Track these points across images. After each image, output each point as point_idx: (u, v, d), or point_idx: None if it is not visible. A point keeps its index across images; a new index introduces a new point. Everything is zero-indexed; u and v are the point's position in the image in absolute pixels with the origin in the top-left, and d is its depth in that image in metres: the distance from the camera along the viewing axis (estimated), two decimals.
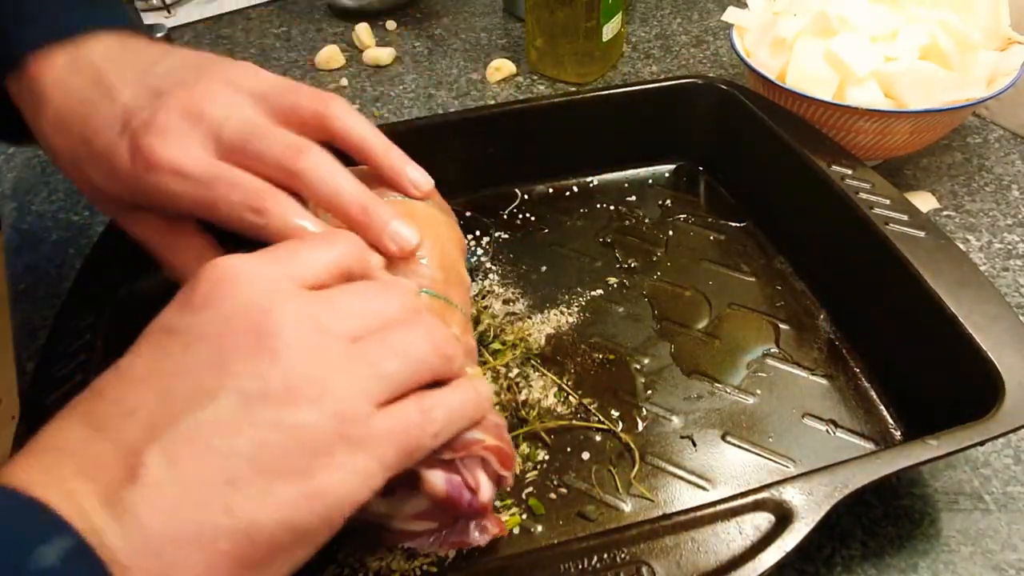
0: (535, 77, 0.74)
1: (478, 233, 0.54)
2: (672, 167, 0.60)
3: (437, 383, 0.30)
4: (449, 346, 0.30)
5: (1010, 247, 0.54)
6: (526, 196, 0.57)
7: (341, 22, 0.86)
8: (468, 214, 0.55)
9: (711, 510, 0.31)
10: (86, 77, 0.35)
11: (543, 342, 0.46)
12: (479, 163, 0.55)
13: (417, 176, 0.37)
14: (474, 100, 0.72)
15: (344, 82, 0.75)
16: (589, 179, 0.59)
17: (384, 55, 0.78)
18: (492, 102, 0.71)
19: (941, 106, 0.51)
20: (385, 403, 0.27)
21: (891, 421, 0.41)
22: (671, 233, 0.54)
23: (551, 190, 0.58)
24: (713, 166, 0.59)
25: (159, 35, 0.69)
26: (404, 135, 0.39)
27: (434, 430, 0.28)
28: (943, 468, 0.41)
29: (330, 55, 0.78)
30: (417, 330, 0.29)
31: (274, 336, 0.25)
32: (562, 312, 0.49)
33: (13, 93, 0.37)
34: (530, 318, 0.48)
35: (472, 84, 0.74)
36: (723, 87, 0.55)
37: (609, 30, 0.70)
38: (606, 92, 0.56)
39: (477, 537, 0.33)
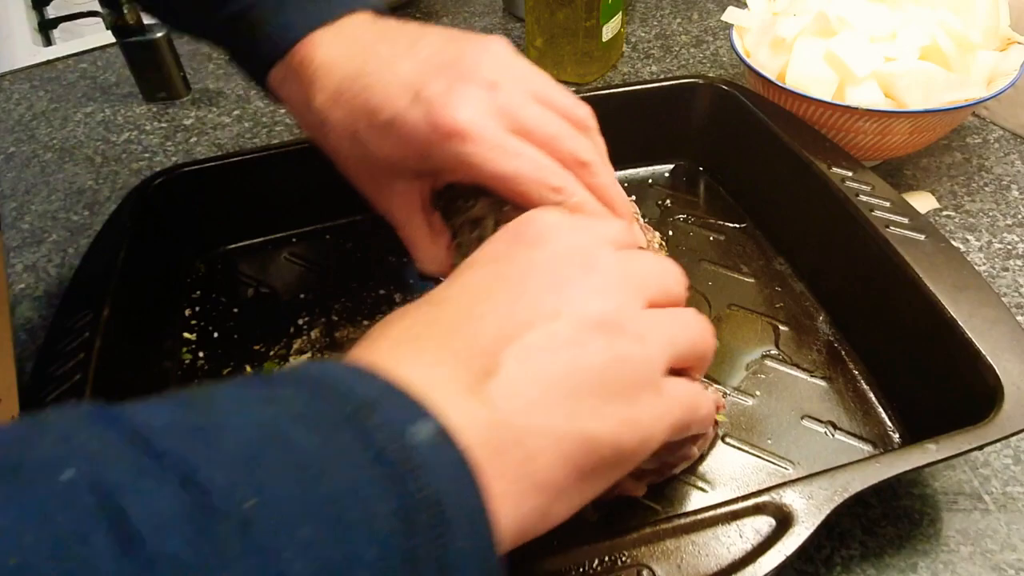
0: None
1: None
2: (672, 167, 0.60)
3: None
4: (712, 339, 0.32)
5: (1010, 247, 0.54)
6: None
7: None
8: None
9: (711, 513, 0.31)
10: (357, 52, 0.37)
11: None
12: None
13: (640, 235, 0.39)
14: None
15: None
16: None
17: None
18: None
19: (941, 106, 0.51)
20: (669, 368, 0.29)
21: (889, 424, 0.42)
22: (671, 233, 0.54)
23: None
24: (713, 167, 0.59)
25: (159, 35, 0.69)
26: None
27: (700, 416, 0.30)
28: (943, 468, 0.41)
29: None
30: (696, 316, 0.31)
31: (601, 273, 0.28)
32: None
33: (276, 81, 0.39)
34: None
35: None
36: (723, 87, 0.55)
37: (609, 30, 0.70)
38: (606, 92, 0.56)
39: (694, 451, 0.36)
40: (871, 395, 0.43)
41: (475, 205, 0.38)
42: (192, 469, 0.19)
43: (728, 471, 0.40)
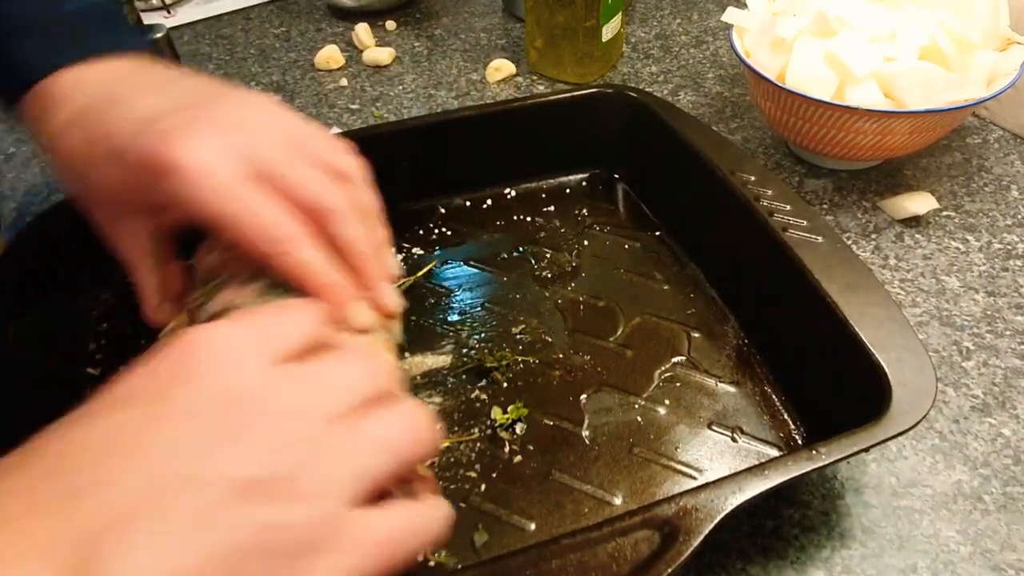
0: (535, 77, 0.74)
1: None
2: (589, 177, 0.60)
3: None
4: (425, 431, 0.28)
5: (1009, 247, 0.54)
6: (443, 210, 0.57)
7: (341, 22, 0.86)
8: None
9: (597, 532, 0.31)
10: (103, 83, 0.35)
11: (455, 355, 0.46)
12: (394, 178, 0.55)
13: (393, 264, 0.37)
14: (474, 100, 0.72)
15: (344, 82, 0.75)
16: (507, 190, 0.58)
17: (384, 55, 0.78)
18: (490, 102, 0.71)
19: (940, 106, 0.51)
20: (363, 499, 0.25)
21: (794, 425, 0.42)
22: (586, 243, 0.54)
23: (468, 203, 0.57)
24: (628, 175, 0.59)
25: (158, 35, 0.69)
26: None
27: (417, 542, 0.26)
28: (942, 469, 0.41)
29: (330, 55, 0.78)
30: (398, 418, 0.27)
31: (256, 422, 0.24)
32: (473, 328, 0.48)
33: (25, 111, 0.37)
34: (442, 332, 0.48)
35: (472, 84, 0.74)
36: (633, 95, 0.56)
37: (609, 30, 0.70)
38: (518, 104, 0.56)
39: None
40: (777, 398, 0.43)
41: (213, 253, 0.36)
42: None
43: (635, 482, 0.39)
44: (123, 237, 0.36)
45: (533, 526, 0.38)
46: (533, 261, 0.53)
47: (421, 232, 0.55)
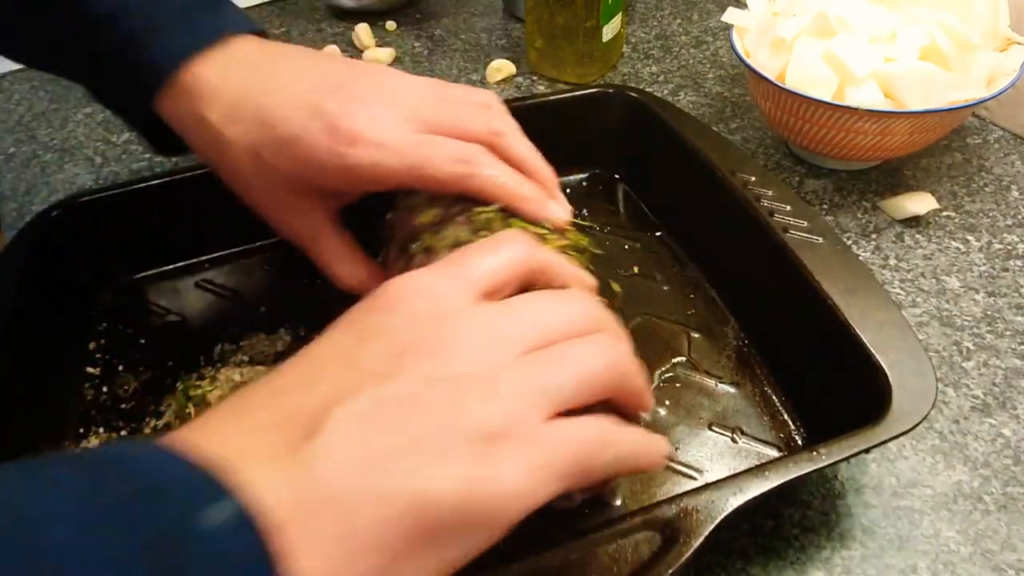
0: (535, 78, 0.74)
1: None
2: (589, 177, 0.60)
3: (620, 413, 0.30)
4: (625, 362, 0.29)
5: (1010, 247, 0.54)
6: None
7: (341, 22, 0.86)
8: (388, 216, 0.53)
9: (598, 533, 0.31)
10: (249, 70, 0.37)
11: None
12: None
13: (558, 210, 0.38)
14: None
15: None
16: None
17: (384, 55, 0.78)
18: None
19: (941, 107, 0.51)
20: (557, 414, 0.26)
21: (793, 426, 0.42)
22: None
23: None
24: (628, 175, 0.59)
25: None
26: None
27: (610, 454, 0.27)
28: (943, 469, 0.41)
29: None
30: (591, 345, 0.28)
31: (451, 338, 0.26)
32: None
33: (166, 106, 0.38)
34: None
35: (472, 85, 0.74)
36: (633, 96, 0.56)
37: (609, 31, 0.70)
38: (518, 104, 0.56)
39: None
40: (777, 399, 0.43)
41: (420, 208, 0.37)
42: None
43: (635, 482, 0.39)
44: (299, 220, 0.38)
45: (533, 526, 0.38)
46: None
47: None
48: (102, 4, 0.38)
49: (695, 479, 0.39)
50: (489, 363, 0.26)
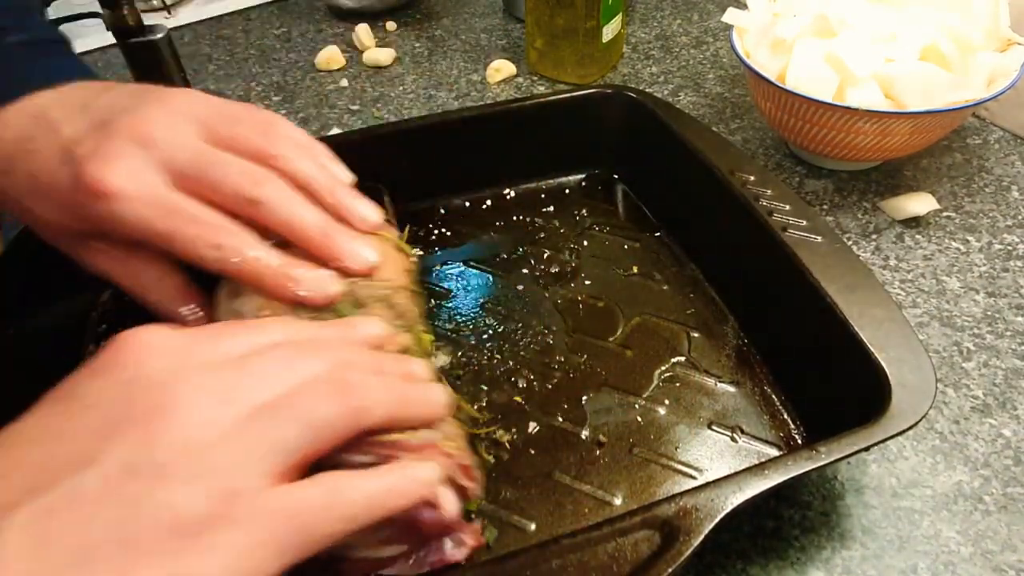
0: (535, 78, 0.74)
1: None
2: (588, 177, 0.60)
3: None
4: (368, 395, 0.27)
5: (1010, 248, 0.54)
6: (443, 211, 0.57)
7: (341, 23, 0.86)
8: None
9: (597, 532, 0.31)
10: (28, 118, 0.35)
11: (454, 356, 0.46)
12: (394, 178, 0.54)
13: (366, 211, 0.36)
14: (474, 101, 0.72)
15: (344, 83, 0.75)
16: (506, 191, 0.58)
17: (384, 56, 0.78)
18: (490, 103, 0.71)
19: (941, 107, 0.51)
20: (288, 476, 0.25)
21: (793, 425, 0.42)
22: (586, 243, 0.54)
23: (468, 204, 0.57)
24: (628, 175, 0.59)
25: (159, 35, 0.69)
26: None
27: (343, 513, 0.25)
28: (943, 469, 0.41)
29: (330, 56, 0.78)
30: (320, 388, 0.26)
31: (167, 409, 0.24)
32: (472, 329, 0.48)
33: None
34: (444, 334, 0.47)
35: (472, 85, 0.74)
36: (633, 96, 0.56)
37: (609, 31, 0.70)
38: (518, 104, 0.56)
39: (455, 552, 0.31)
40: (776, 398, 0.43)
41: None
42: None
43: (635, 482, 0.39)
44: (100, 260, 0.36)
45: (533, 526, 0.38)
46: (533, 261, 0.53)
47: (421, 233, 0.55)
48: None
49: (695, 478, 0.39)
50: (207, 432, 0.24)
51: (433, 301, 0.50)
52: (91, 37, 0.85)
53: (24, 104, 0.36)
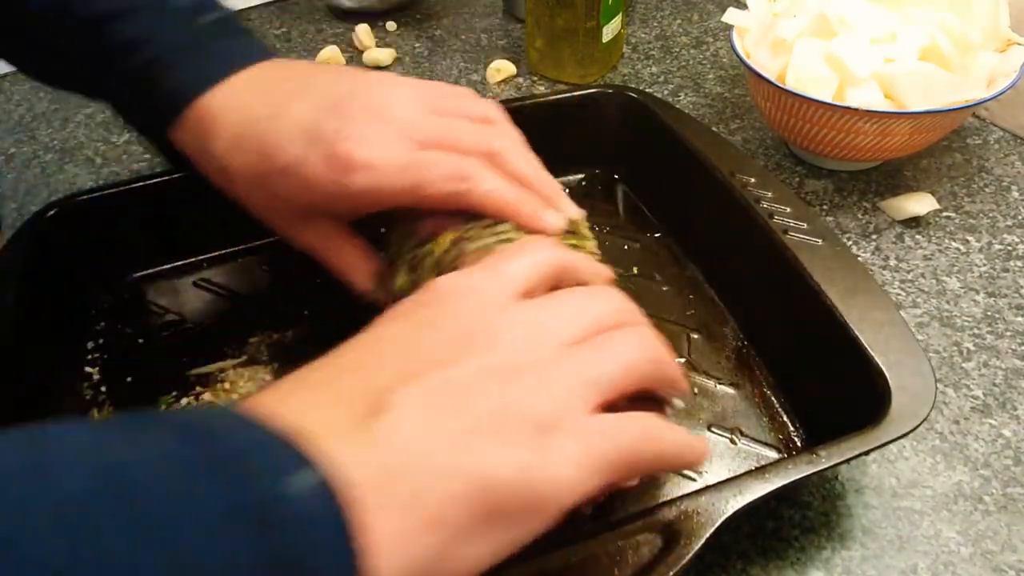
0: (535, 78, 0.74)
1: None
2: (588, 177, 0.59)
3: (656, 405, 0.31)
4: (660, 352, 0.30)
5: (1010, 248, 0.54)
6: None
7: (341, 23, 0.86)
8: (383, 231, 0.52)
9: (598, 535, 0.31)
10: (253, 98, 0.37)
11: None
12: None
13: (570, 206, 0.39)
14: None
15: None
16: None
17: (384, 56, 0.78)
18: None
19: (941, 107, 0.51)
20: (601, 406, 0.27)
21: (793, 428, 0.42)
22: None
23: None
24: (627, 175, 0.59)
25: None
26: None
27: (652, 451, 0.28)
28: (943, 470, 0.41)
29: (330, 56, 0.78)
30: (629, 336, 0.30)
31: (499, 331, 0.27)
32: None
33: (178, 138, 0.39)
34: None
35: (472, 85, 0.74)
36: (633, 96, 0.56)
37: (609, 31, 0.70)
38: (518, 104, 0.56)
39: None
40: (776, 400, 0.43)
41: (420, 225, 0.38)
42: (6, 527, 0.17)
43: (635, 485, 0.39)
44: (310, 236, 0.39)
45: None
46: None
47: None
48: (124, 32, 0.38)
49: (695, 481, 0.39)
50: (535, 355, 0.27)
51: None
52: None
53: (238, 82, 0.38)
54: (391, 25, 0.84)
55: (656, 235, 0.54)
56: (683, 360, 0.46)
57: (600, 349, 0.29)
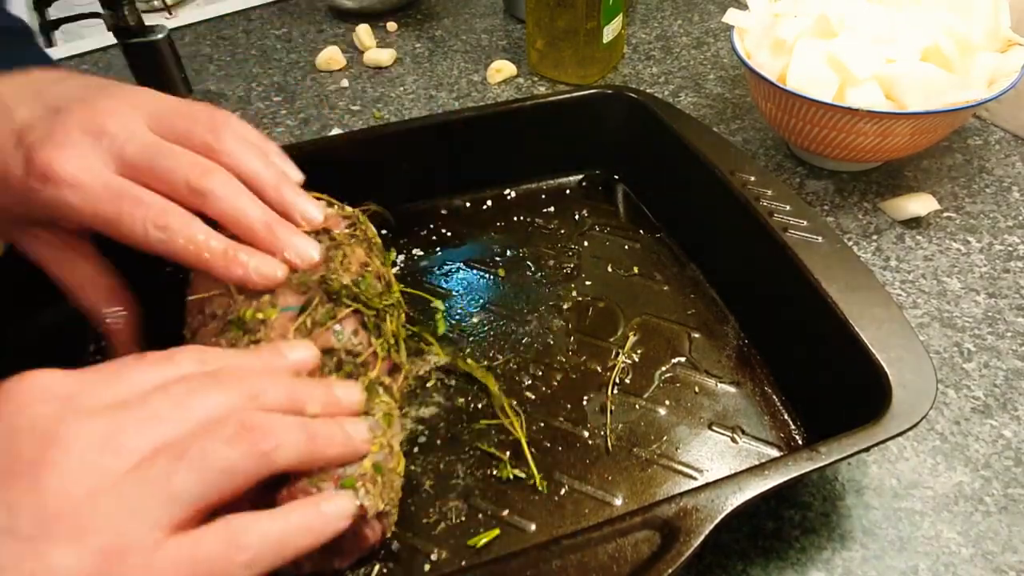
0: (536, 78, 0.74)
1: (392, 251, 0.53)
2: (588, 177, 0.60)
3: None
4: (271, 438, 0.26)
5: (1011, 249, 0.54)
6: (443, 211, 0.57)
7: (342, 23, 0.86)
8: (383, 232, 0.51)
9: (598, 533, 0.31)
10: None
11: (455, 357, 0.46)
12: (395, 179, 0.55)
13: (309, 210, 0.36)
14: (475, 101, 0.72)
15: (345, 83, 0.75)
16: (507, 191, 0.58)
17: (385, 56, 0.78)
18: (490, 103, 0.71)
19: (942, 108, 0.51)
20: (185, 526, 0.24)
21: (794, 426, 0.42)
22: (586, 244, 0.54)
23: (468, 204, 0.57)
24: (628, 176, 0.59)
25: (159, 36, 0.69)
26: (312, 154, 0.39)
27: (244, 558, 0.24)
28: (943, 470, 0.41)
29: (331, 56, 0.78)
30: (229, 431, 0.25)
31: (50, 460, 0.23)
32: (473, 329, 0.48)
33: None
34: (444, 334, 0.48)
35: (473, 85, 0.74)
36: (633, 96, 0.56)
37: (610, 32, 0.70)
38: (519, 105, 0.56)
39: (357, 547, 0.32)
40: (777, 399, 0.43)
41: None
42: None
43: (635, 483, 0.39)
44: (34, 245, 0.36)
45: (533, 527, 0.38)
46: (533, 262, 0.53)
47: (422, 233, 0.55)
48: None
49: (695, 479, 0.39)
50: (95, 483, 0.23)
51: (432, 301, 0.50)
52: (92, 37, 0.85)
53: None
54: (392, 25, 0.85)
55: (656, 235, 0.54)
56: (684, 359, 0.46)
57: (181, 456, 0.24)
